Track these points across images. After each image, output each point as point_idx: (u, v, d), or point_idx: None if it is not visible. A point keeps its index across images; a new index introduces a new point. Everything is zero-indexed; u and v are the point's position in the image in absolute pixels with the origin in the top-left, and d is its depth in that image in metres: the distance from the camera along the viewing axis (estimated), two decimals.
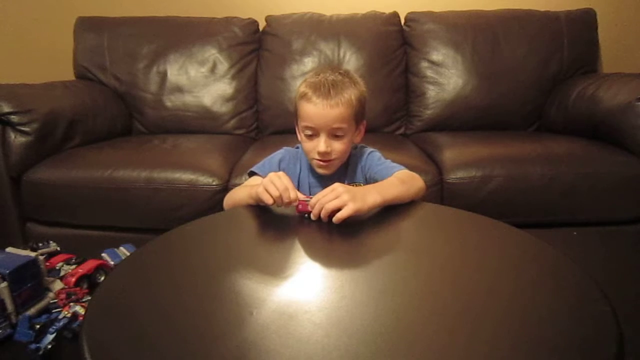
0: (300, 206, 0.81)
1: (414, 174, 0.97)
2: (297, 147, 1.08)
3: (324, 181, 1.02)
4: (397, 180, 0.91)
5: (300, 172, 1.04)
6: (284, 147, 1.08)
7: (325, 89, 0.90)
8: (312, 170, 1.03)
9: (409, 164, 1.34)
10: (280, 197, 0.79)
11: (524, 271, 0.65)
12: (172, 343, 0.48)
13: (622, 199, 1.36)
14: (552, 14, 1.90)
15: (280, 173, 0.83)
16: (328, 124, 0.91)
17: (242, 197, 0.92)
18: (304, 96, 0.93)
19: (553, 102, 1.82)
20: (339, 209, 0.77)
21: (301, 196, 0.82)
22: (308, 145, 0.96)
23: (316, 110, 0.90)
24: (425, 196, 0.97)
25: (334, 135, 0.93)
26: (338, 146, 0.94)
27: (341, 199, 0.77)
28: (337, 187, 0.79)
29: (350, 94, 0.92)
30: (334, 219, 0.77)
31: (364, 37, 1.88)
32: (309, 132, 0.94)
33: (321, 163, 0.96)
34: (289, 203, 0.80)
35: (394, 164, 1.01)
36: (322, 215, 0.78)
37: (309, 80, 0.95)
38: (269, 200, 0.79)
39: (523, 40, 1.85)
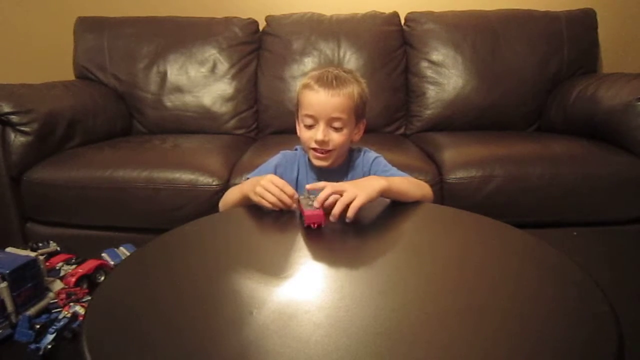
0: (307, 219, 0.76)
1: (422, 182, 1.00)
2: (296, 149, 1.07)
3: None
4: (403, 178, 0.95)
5: (298, 175, 1.04)
6: (282, 152, 1.08)
7: (328, 80, 0.93)
8: (310, 171, 1.03)
9: (409, 164, 1.35)
10: (279, 200, 0.81)
11: (524, 271, 0.65)
12: (172, 343, 0.48)
13: (622, 199, 1.36)
14: (552, 14, 1.90)
15: (269, 176, 0.85)
16: (328, 112, 0.92)
17: (234, 199, 0.94)
18: (306, 86, 0.95)
19: (553, 102, 1.82)
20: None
21: (302, 199, 0.81)
22: (306, 134, 0.96)
23: (317, 97, 0.92)
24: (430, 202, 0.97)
25: (332, 126, 0.94)
26: (336, 137, 0.95)
27: (347, 196, 0.78)
28: (339, 185, 0.80)
29: (352, 88, 0.94)
30: (350, 213, 0.76)
31: (364, 37, 1.88)
32: (309, 122, 0.95)
33: (318, 154, 0.97)
34: (290, 201, 0.81)
35: (401, 172, 1.02)
36: (335, 212, 0.77)
37: (312, 73, 0.98)
38: (269, 206, 0.82)
39: (523, 40, 1.85)
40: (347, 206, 0.77)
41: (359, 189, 0.79)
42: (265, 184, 0.82)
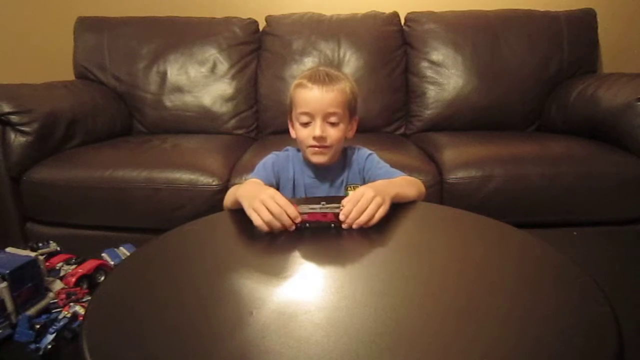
0: (305, 216, 0.76)
1: (415, 179, 1.01)
2: (287, 150, 1.08)
3: (320, 181, 1.02)
4: (404, 180, 0.96)
5: (294, 174, 1.04)
6: (273, 152, 1.08)
7: (320, 77, 0.95)
8: (307, 170, 1.03)
9: (409, 164, 1.35)
10: (277, 219, 0.74)
11: (524, 271, 0.65)
12: (172, 343, 0.48)
13: (622, 199, 1.36)
14: (552, 14, 1.90)
15: (271, 191, 0.78)
16: (323, 107, 0.94)
17: (231, 201, 0.92)
18: (299, 85, 0.97)
19: (553, 102, 1.82)
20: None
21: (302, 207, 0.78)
22: (303, 133, 0.97)
23: (312, 94, 0.94)
24: (425, 197, 0.98)
25: (328, 121, 0.95)
26: (333, 132, 0.96)
27: (376, 202, 0.78)
28: (366, 191, 0.79)
29: (344, 85, 0.96)
30: (374, 221, 0.77)
31: (364, 37, 1.88)
32: (305, 119, 0.95)
33: (316, 150, 0.97)
34: (290, 222, 0.75)
35: (394, 169, 1.03)
36: (358, 222, 0.76)
37: (303, 74, 1.00)
38: (260, 224, 0.74)
39: (523, 40, 1.85)
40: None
41: (381, 196, 0.79)
42: (265, 199, 0.75)
